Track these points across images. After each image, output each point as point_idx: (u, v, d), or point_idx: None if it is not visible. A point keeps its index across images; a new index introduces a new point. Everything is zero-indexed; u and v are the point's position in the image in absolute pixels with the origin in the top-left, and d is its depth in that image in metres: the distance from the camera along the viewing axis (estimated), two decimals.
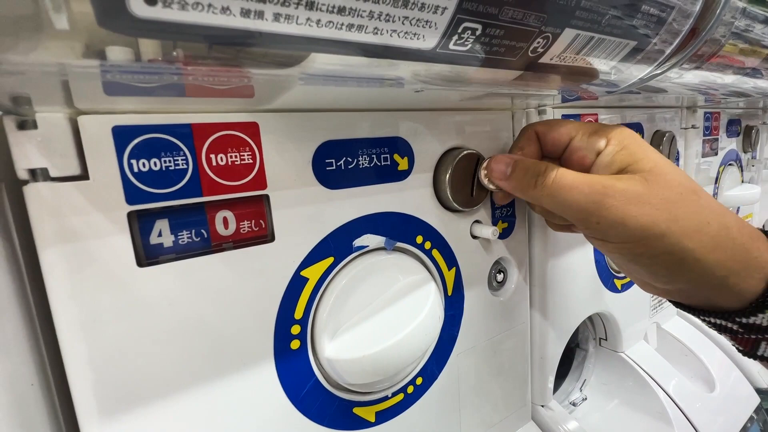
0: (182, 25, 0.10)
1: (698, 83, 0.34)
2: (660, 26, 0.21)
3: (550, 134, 0.27)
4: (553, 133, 0.27)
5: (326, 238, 0.24)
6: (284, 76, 0.16)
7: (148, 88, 0.17)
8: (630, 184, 0.22)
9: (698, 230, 0.22)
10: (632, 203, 0.22)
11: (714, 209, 0.23)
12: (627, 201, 0.22)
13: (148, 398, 0.20)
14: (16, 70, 0.13)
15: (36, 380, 0.19)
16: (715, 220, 0.22)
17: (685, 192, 0.23)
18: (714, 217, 0.22)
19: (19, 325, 0.18)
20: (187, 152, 0.19)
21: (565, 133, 0.26)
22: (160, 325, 0.20)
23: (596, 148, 0.25)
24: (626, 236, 0.22)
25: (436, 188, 0.28)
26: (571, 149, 0.26)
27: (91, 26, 0.11)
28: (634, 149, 0.24)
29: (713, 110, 0.56)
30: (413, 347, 0.25)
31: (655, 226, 0.22)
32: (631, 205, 0.22)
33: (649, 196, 0.22)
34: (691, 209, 0.22)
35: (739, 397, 0.50)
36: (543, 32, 0.17)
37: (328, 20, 0.12)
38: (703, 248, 0.22)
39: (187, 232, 0.20)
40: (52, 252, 0.17)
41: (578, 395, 0.47)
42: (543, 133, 0.27)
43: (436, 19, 0.14)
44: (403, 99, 0.25)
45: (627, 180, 0.23)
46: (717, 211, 0.23)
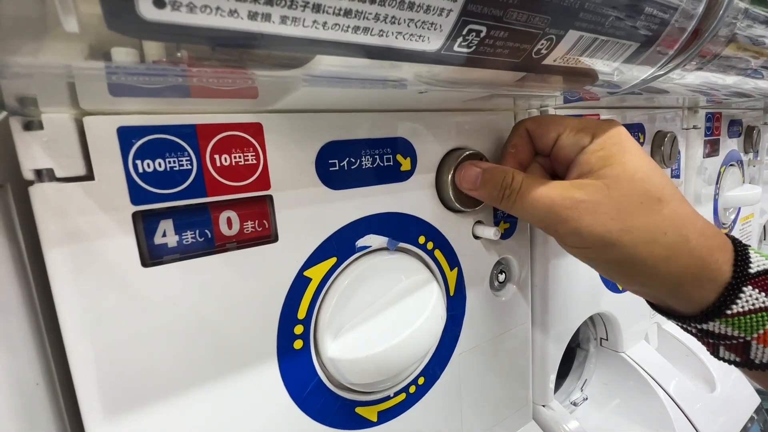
0: (190, 27, 0.10)
1: (700, 84, 0.34)
2: (663, 28, 0.21)
3: (539, 132, 0.27)
4: (542, 131, 0.27)
5: (329, 239, 0.24)
6: (289, 78, 0.16)
7: (153, 89, 0.17)
8: (590, 192, 0.23)
9: (651, 241, 0.23)
10: (588, 213, 0.23)
11: (675, 220, 0.23)
12: (584, 212, 0.23)
13: (152, 397, 0.20)
14: (23, 72, 0.13)
15: (41, 380, 0.19)
16: (673, 231, 0.23)
17: (647, 201, 0.23)
18: (672, 227, 0.23)
19: (25, 325, 0.19)
20: (191, 153, 0.19)
21: (554, 131, 0.27)
22: (164, 325, 0.20)
23: (581, 145, 0.25)
24: (580, 244, 0.24)
25: (438, 189, 0.28)
26: (558, 146, 0.26)
27: (99, 28, 0.11)
28: (613, 152, 0.24)
29: (715, 111, 0.56)
30: (416, 347, 0.25)
31: (608, 235, 0.23)
32: (587, 215, 0.23)
33: (605, 206, 0.23)
34: (648, 219, 0.23)
35: (740, 397, 0.50)
36: (547, 34, 0.17)
37: (334, 22, 0.12)
38: (654, 258, 0.23)
39: (191, 232, 0.20)
40: (57, 252, 0.17)
41: (579, 395, 0.47)
42: (532, 130, 0.28)
43: (441, 21, 0.14)
44: (406, 100, 0.25)
45: (588, 188, 0.23)
46: (678, 221, 0.23)
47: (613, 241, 0.23)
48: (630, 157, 0.24)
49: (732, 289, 0.22)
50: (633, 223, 0.23)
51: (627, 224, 0.23)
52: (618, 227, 0.23)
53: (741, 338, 0.22)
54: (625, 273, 0.24)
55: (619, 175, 0.23)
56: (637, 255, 0.23)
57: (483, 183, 0.26)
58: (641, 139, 0.45)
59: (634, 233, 0.22)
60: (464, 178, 0.27)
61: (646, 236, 0.23)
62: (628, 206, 0.23)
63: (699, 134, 0.53)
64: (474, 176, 0.26)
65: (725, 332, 0.23)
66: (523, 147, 0.28)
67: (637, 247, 0.22)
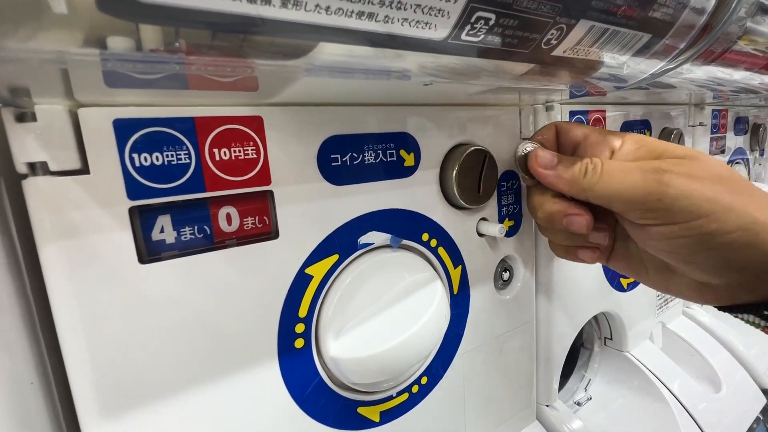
0: (186, 10, 0.10)
1: (708, 79, 0.33)
2: (675, 19, 0.20)
3: (567, 130, 0.27)
4: (570, 130, 0.27)
5: (331, 235, 0.24)
6: (290, 68, 0.16)
7: (151, 79, 0.17)
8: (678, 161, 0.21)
9: (761, 204, 0.20)
10: (690, 178, 0.20)
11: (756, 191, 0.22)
12: (684, 176, 0.20)
13: (149, 397, 0.19)
14: (14, 57, 0.12)
15: (36, 379, 0.19)
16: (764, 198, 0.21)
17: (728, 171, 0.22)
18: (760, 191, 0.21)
19: (19, 323, 0.18)
20: (189, 146, 0.19)
21: (581, 132, 0.27)
22: (162, 323, 0.19)
23: (611, 146, 0.25)
24: (694, 212, 0.20)
25: (442, 185, 0.28)
26: (584, 145, 0.26)
27: (91, 11, 0.10)
28: (655, 145, 0.24)
29: (721, 107, 0.55)
30: (419, 347, 0.24)
31: (721, 198, 0.20)
32: (690, 179, 0.20)
33: (700, 172, 0.20)
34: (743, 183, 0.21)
35: (746, 397, 0.49)
36: (557, 23, 0.16)
37: (337, 7, 0.12)
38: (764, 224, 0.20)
39: (190, 228, 0.19)
40: (52, 248, 0.17)
41: (583, 395, 0.47)
42: (562, 128, 0.28)
43: (449, 8, 0.13)
44: (410, 93, 0.25)
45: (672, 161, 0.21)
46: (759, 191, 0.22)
47: (729, 205, 0.19)
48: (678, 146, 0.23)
49: None
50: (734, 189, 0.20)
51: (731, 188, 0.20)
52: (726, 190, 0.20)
53: None
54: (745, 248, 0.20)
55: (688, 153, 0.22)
56: (757, 218, 0.19)
57: (560, 161, 0.25)
58: (648, 135, 0.44)
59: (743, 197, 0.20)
60: (538, 160, 0.25)
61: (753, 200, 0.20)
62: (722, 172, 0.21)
63: (705, 131, 0.53)
64: (549, 157, 0.25)
65: None
66: (549, 141, 0.28)
67: (753, 208, 0.20)
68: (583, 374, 0.48)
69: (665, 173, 0.21)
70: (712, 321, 0.55)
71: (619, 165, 0.22)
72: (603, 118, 0.39)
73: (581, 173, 0.23)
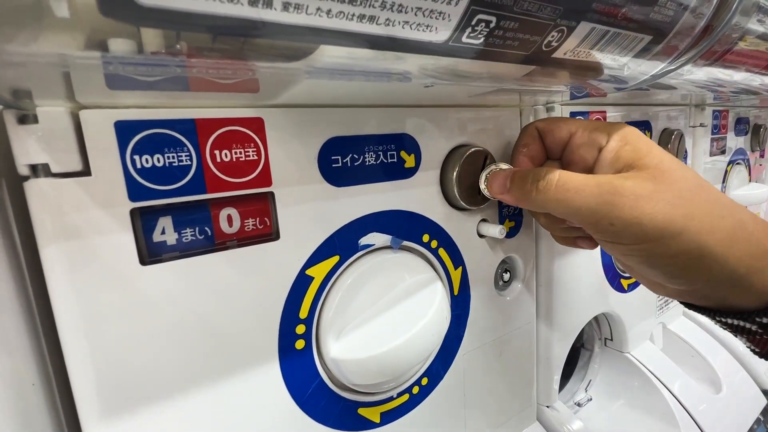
0: (188, 14, 0.10)
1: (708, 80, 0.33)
2: (676, 21, 0.20)
3: (550, 131, 0.26)
4: (553, 130, 0.26)
5: (332, 237, 0.24)
6: (291, 70, 0.16)
7: (152, 81, 0.17)
8: (639, 181, 0.21)
9: (714, 226, 0.21)
10: (645, 201, 0.21)
11: (725, 204, 0.22)
12: (640, 199, 0.21)
13: (150, 398, 0.19)
14: (16, 61, 0.12)
15: (37, 380, 0.19)
16: (729, 215, 0.21)
17: (695, 188, 0.22)
18: (727, 211, 0.22)
19: (20, 324, 0.18)
20: (191, 148, 0.19)
21: (566, 130, 0.26)
22: (163, 324, 0.19)
23: (598, 144, 0.24)
24: (642, 236, 0.21)
25: (443, 186, 0.28)
26: (571, 146, 0.25)
27: (93, 15, 0.10)
28: (638, 145, 0.23)
29: (721, 108, 0.55)
30: (420, 348, 0.24)
31: (673, 223, 0.20)
32: (645, 203, 0.21)
33: (661, 192, 0.21)
34: (705, 205, 0.21)
35: (746, 398, 0.49)
36: (558, 25, 0.16)
37: (339, 10, 0.12)
38: (720, 245, 0.21)
39: (191, 229, 0.20)
40: (54, 249, 0.17)
41: (583, 396, 0.47)
42: (544, 130, 0.27)
43: (450, 11, 0.13)
44: (410, 95, 0.25)
45: (635, 177, 0.22)
46: (729, 205, 0.22)
47: (679, 229, 0.20)
48: (658, 151, 0.23)
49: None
50: (694, 209, 0.21)
51: (688, 210, 0.21)
52: (681, 213, 0.20)
53: None
54: (690, 267, 0.21)
55: (659, 165, 0.22)
56: (704, 243, 0.20)
57: (513, 182, 0.25)
58: (648, 136, 0.44)
59: (697, 219, 0.21)
60: (494, 186, 0.26)
61: (709, 222, 0.21)
62: (682, 193, 0.21)
63: (706, 132, 0.53)
64: (503, 179, 0.25)
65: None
66: (535, 147, 0.27)
67: (703, 234, 0.20)
68: (583, 375, 0.48)
69: (620, 197, 0.21)
70: (713, 322, 0.55)
71: (576, 183, 0.22)
72: (603, 119, 0.39)
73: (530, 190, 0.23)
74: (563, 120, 0.26)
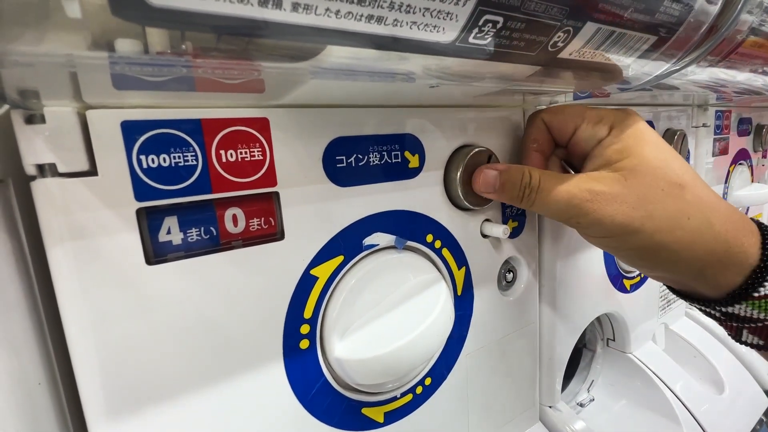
0: (199, 14, 0.10)
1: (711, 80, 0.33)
2: (681, 21, 0.20)
3: (555, 123, 0.27)
4: (558, 122, 0.27)
5: (336, 237, 0.24)
6: (298, 70, 0.16)
7: (158, 82, 0.17)
8: (608, 184, 0.23)
9: (675, 226, 0.23)
10: (609, 204, 0.23)
11: (698, 205, 0.23)
12: (603, 203, 0.23)
13: (156, 397, 0.19)
14: (24, 61, 0.12)
15: (44, 379, 0.19)
16: (696, 215, 0.23)
17: (668, 188, 0.23)
18: (695, 212, 0.23)
19: (27, 323, 0.18)
20: (196, 148, 0.19)
21: (571, 122, 0.27)
22: (168, 324, 0.19)
23: (598, 137, 0.26)
24: (603, 233, 0.24)
25: (446, 186, 0.28)
26: (576, 138, 0.27)
27: (102, 15, 0.10)
28: (629, 143, 0.24)
29: (724, 108, 0.55)
30: (424, 348, 0.24)
31: (630, 223, 0.23)
32: (608, 205, 0.23)
33: (626, 195, 0.23)
34: (670, 205, 0.23)
35: (749, 399, 0.49)
36: (564, 26, 0.16)
37: (347, 11, 0.12)
38: (678, 243, 0.23)
39: (197, 229, 0.20)
40: (60, 249, 0.17)
41: (586, 396, 0.47)
42: (549, 121, 0.28)
43: (458, 11, 0.13)
44: (414, 95, 0.25)
45: (606, 180, 0.24)
46: (701, 206, 0.23)
47: (635, 229, 0.23)
48: (648, 148, 0.24)
49: (760, 271, 0.22)
50: (655, 210, 0.23)
51: (649, 211, 0.23)
52: (639, 215, 0.23)
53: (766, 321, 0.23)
54: (648, 259, 0.24)
55: (637, 166, 0.23)
56: (660, 241, 0.23)
57: (501, 185, 0.26)
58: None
59: (657, 220, 0.23)
60: (482, 183, 0.27)
61: (670, 222, 0.23)
62: (648, 194, 0.23)
63: (708, 132, 0.53)
64: (492, 179, 0.26)
65: (750, 315, 0.23)
66: (544, 140, 0.28)
67: (661, 233, 0.23)
68: (585, 375, 0.48)
69: (587, 202, 0.23)
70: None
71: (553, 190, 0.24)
72: None
73: (519, 197, 0.26)
74: (570, 111, 0.27)
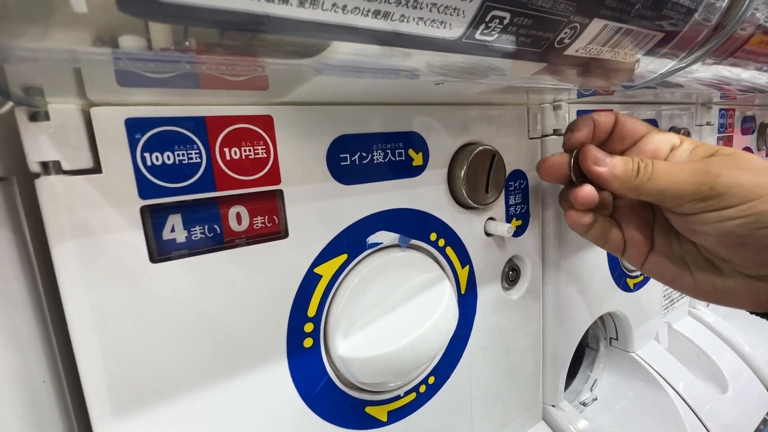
0: (206, 9, 0.10)
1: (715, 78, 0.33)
2: (687, 18, 0.20)
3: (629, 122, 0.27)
4: (632, 122, 0.27)
5: (340, 235, 0.24)
6: (303, 67, 0.16)
7: (162, 78, 0.17)
8: (725, 159, 0.23)
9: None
10: (739, 169, 0.22)
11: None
12: (732, 168, 0.22)
13: (160, 395, 0.19)
14: (28, 56, 0.12)
15: (48, 377, 0.19)
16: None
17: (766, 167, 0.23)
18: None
19: (31, 321, 0.18)
20: (200, 146, 0.19)
21: (642, 127, 0.27)
22: (172, 322, 0.19)
23: (672, 143, 0.26)
24: (746, 195, 0.21)
25: (450, 184, 0.28)
26: (647, 140, 0.27)
27: (106, 11, 0.10)
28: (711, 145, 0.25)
29: (728, 107, 0.55)
30: (427, 347, 0.24)
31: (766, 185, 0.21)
32: (739, 170, 0.22)
33: (749, 164, 0.22)
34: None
35: (752, 398, 0.49)
36: (571, 22, 0.16)
37: (354, 6, 0.11)
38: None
39: (200, 227, 0.20)
40: (65, 247, 0.17)
41: (588, 395, 0.47)
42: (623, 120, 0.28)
43: (465, 7, 0.13)
44: (419, 93, 0.25)
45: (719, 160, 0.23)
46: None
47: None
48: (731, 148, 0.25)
49: None
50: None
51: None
52: None
53: None
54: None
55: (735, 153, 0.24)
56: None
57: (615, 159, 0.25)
58: None
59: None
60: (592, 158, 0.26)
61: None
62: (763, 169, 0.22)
63: (712, 131, 0.52)
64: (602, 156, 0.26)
65: None
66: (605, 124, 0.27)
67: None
68: (588, 374, 0.48)
69: (714, 168, 0.22)
70: (718, 321, 0.55)
71: (669, 165, 0.24)
72: None
73: (633, 172, 0.24)
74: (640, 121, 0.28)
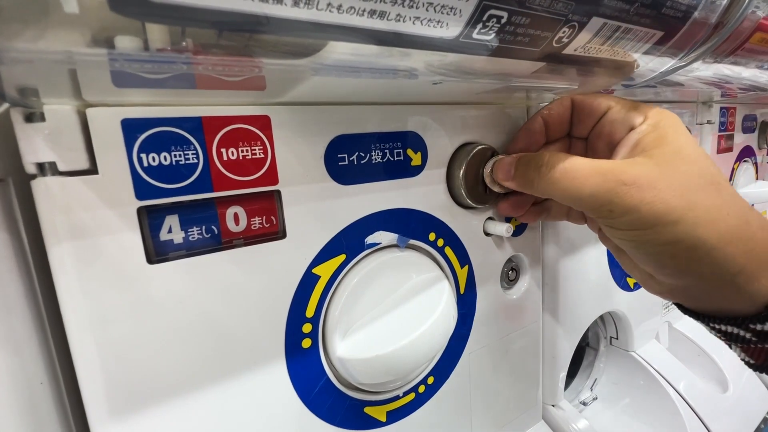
0: (199, 10, 0.10)
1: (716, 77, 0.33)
2: (687, 17, 0.20)
3: (587, 101, 0.26)
4: (590, 100, 0.26)
5: (338, 235, 0.23)
6: (300, 67, 0.16)
7: (158, 79, 0.17)
8: (645, 168, 0.21)
9: (715, 220, 0.21)
10: (647, 190, 0.21)
11: (736, 203, 0.22)
12: (642, 188, 0.21)
13: (158, 396, 0.19)
14: (23, 58, 0.12)
15: (45, 378, 0.19)
16: (735, 213, 0.21)
17: (706, 183, 0.22)
18: (734, 210, 0.21)
19: (28, 323, 0.18)
20: (197, 146, 0.19)
21: (604, 103, 0.25)
22: (170, 323, 0.19)
23: (630, 124, 0.24)
24: (638, 223, 0.21)
25: (449, 184, 0.28)
26: (605, 120, 0.25)
27: (100, 11, 0.10)
28: (666, 132, 0.23)
29: (729, 105, 0.55)
30: (426, 347, 0.24)
31: (670, 212, 0.20)
32: (646, 191, 0.21)
33: (666, 181, 0.21)
34: (710, 199, 0.21)
35: (753, 397, 0.49)
36: (569, 21, 0.16)
37: (349, 6, 0.11)
38: (717, 239, 0.20)
39: (198, 228, 0.19)
40: (61, 248, 0.17)
41: (589, 394, 0.47)
42: (581, 101, 0.26)
43: (461, 6, 0.13)
44: (417, 92, 0.25)
45: (642, 164, 0.22)
46: (739, 204, 0.22)
47: (675, 219, 0.20)
48: (685, 140, 0.23)
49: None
50: (697, 201, 0.21)
51: (691, 201, 0.21)
52: (681, 204, 0.21)
53: None
54: (681, 258, 0.21)
55: (675, 156, 0.22)
56: (700, 235, 0.20)
57: (516, 168, 0.25)
58: None
59: (697, 211, 0.21)
60: (500, 170, 0.26)
61: (710, 215, 0.21)
62: (689, 184, 0.21)
63: (713, 129, 0.52)
64: (508, 164, 0.25)
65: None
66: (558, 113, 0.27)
67: (701, 226, 0.20)
68: (588, 374, 0.48)
69: (623, 185, 0.21)
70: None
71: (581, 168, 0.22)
72: None
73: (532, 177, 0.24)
74: (601, 95, 0.26)
